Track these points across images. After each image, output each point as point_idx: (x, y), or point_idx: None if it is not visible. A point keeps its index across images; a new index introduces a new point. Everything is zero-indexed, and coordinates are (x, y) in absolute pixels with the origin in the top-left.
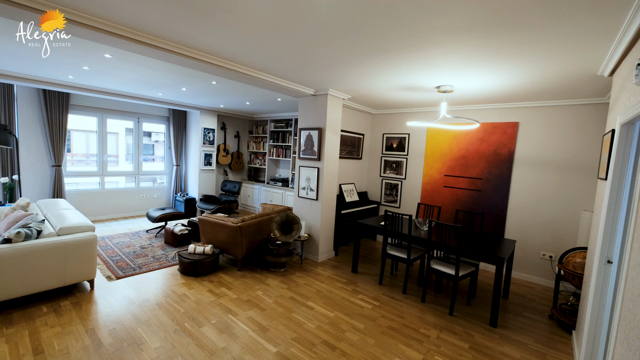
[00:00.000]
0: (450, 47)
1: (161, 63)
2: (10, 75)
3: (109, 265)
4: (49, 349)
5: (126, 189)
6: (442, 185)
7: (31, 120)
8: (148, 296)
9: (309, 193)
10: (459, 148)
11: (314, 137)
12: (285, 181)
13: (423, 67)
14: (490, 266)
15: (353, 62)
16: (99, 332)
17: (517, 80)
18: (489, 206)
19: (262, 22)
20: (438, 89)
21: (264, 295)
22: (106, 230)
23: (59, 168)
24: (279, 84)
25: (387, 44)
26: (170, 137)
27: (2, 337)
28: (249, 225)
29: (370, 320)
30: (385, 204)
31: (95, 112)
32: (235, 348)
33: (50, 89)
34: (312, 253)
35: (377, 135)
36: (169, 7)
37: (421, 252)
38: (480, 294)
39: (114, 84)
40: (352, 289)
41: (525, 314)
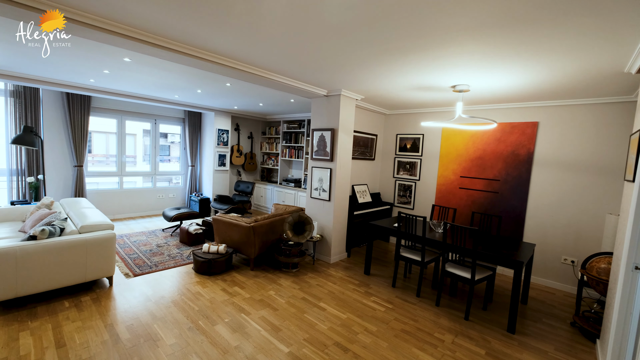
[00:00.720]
0: (467, 45)
1: (177, 66)
2: (36, 79)
3: (127, 263)
4: (70, 342)
5: (143, 188)
6: (458, 187)
7: (55, 123)
8: (164, 294)
9: (321, 194)
10: (475, 149)
11: (327, 138)
12: (297, 182)
13: (438, 67)
14: (508, 270)
15: (366, 62)
16: (117, 327)
17: (538, 78)
18: (507, 208)
19: (275, 24)
20: (453, 89)
21: (277, 295)
22: (124, 229)
23: (81, 168)
24: (292, 85)
25: (400, 43)
26: (185, 138)
27: (27, 329)
28: (262, 225)
29: (383, 323)
30: (398, 205)
31: (115, 114)
32: (247, 347)
33: (73, 92)
34: (325, 254)
35: (390, 135)
36: (186, 12)
37: (435, 255)
38: (498, 299)
39: (132, 87)
40: (364, 291)
41: (545, 321)
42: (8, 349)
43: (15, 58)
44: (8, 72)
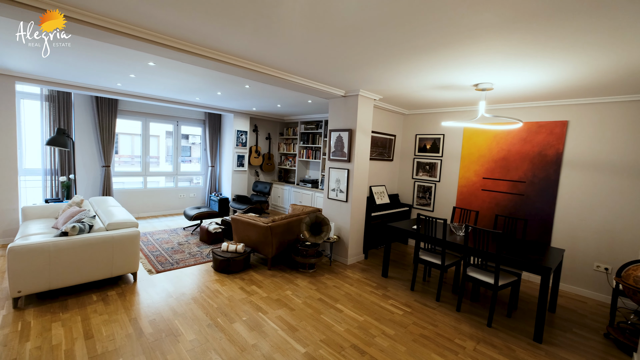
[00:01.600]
0: (490, 42)
1: (198, 69)
2: (69, 84)
3: (150, 260)
4: (97, 334)
5: (166, 188)
6: (480, 189)
7: (85, 125)
8: (184, 290)
9: (338, 195)
10: (499, 149)
11: (344, 139)
12: (314, 182)
13: (460, 65)
14: (535, 276)
15: (385, 62)
16: (141, 321)
17: (568, 75)
18: (533, 211)
19: (294, 25)
20: (476, 87)
21: (293, 295)
22: (147, 227)
23: (108, 168)
24: (310, 86)
25: (420, 42)
26: (206, 140)
27: (59, 321)
28: (279, 225)
29: (401, 326)
30: (417, 207)
31: (140, 116)
32: (264, 346)
33: (102, 95)
34: (341, 255)
35: (409, 136)
36: (207, 16)
37: (456, 259)
38: (523, 306)
39: (156, 90)
40: (382, 294)
41: (575, 331)
42: (41, 338)
43: (51, 64)
44: (44, 78)
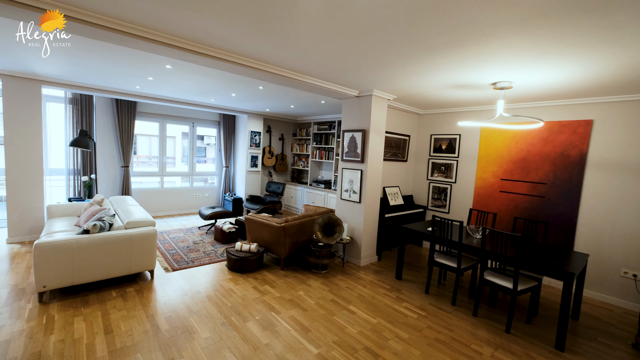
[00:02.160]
0: (510, 40)
1: (214, 71)
2: (91, 87)
3: (167, 258)
4: (116, 329)
5: (181, 188)
6: (498, 190)
7: (106, 127)
8: (199, 289)
9: (351, 195)
10: (518, 149)
11: (358, 139)
12: (327, 183)
13: (477, 63)
14: (556, 282)
15: (400, 61)
16: (157, 318)
17: (593, 72)
18: (555, 214)
19: (308, 26)
20: (494, 86)
21: (306, 295)
22: (164, 226)
23: (127, 168)
24: (323, 86)
25: (436, 40)
26: (220, 140)
27: (81, 315)
28: (292, 225)
29: (416, 330)
30: (432, 208)
31: (157, 118)
32: (277, 345)
33: (122, 98)
34: (354, 256)
35: (424, 136)
36: (222, 19)
37: (473, 262)
38: (544, 312)
39: (173, 92)
40: (395, 296)
41: (600, 340)
42: (64, 332)
43: (75, 69)
44: (68, 82)
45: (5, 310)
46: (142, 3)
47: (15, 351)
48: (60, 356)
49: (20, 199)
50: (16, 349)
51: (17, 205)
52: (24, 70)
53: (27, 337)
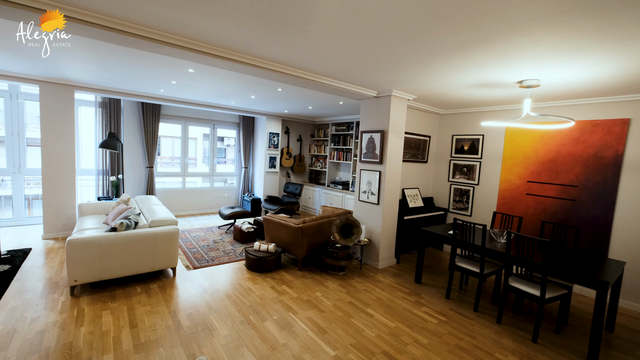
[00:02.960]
0: (538, 36)
1: (233, 74)
2: (119, 91)
3: (188, 256)
4: (141, 324)
5: (202, 188)
6: (524, 193)
7: (132, 129)
8: (219, 287)
9: (369, 197)
10: (547, 150)
11: (376, 140)
12: (345, 184)
13: (502, 61)
14: (589, 290)
15: (421, 60)
16: (179, 314)
17: (629, 67)
18: (587, 219)
19: (327, 27)
20: (520, 84)
21: (323, 297)
22: (186, 225)
23: (151, 169)
24: (342, 87)
25: (458, 39)
26: (239, 142)
27: (108, 309)
28: (310, 226)
29: (436, 336)
30: (454, 211)
31: (180, 120)
32: (294, 346)
33: (147, 101)
34: (372, 259)
35: (445, 136)
36: (242, 23)
37: (497, 267)
38: (575, 322)
39: (195, 95)
40: (415, 300)
41: (638, 354)
42: (93, 324)
43: (105, 74)
44: (99, 87)
45: (41, 302)
46: (168, 11)
47: (49, 341)
48: (90, 347)
49: (54, 197)
50: (50, 338)
51: (52, 203)
52: (59, 77)
53: (59, 328)
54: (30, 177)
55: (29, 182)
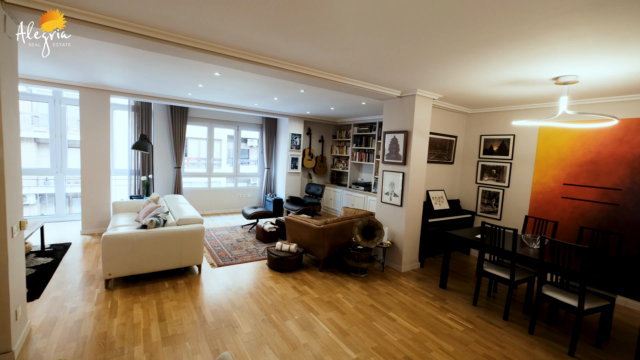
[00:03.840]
0: (577, 29)
1: (257, 76)
2: (150, 95)
3: (212, 254)
4: (168, 318)
5: (227, 188)
6: (560, 196)
7: (161, 131)
8: (242, 285)
9: (392, 199)
10: (586, 151)
11: (400, 141)
12: (367, 185)
13: (536, 56)
14: (634, 302)
15: (447, 58)
16: (204, 310)
17: None
18: (632, 224)
19: (350, 27)
20: (556, 81)
21: (344, 299)
22: (210, 224)
23: (179, 169)
24: (365, 87)
25: (488, 35)
26: (262, 143)
27: (139, 302)
28: (331, 227)
29: (462, 343)
30: (481, 214)
31: (206, 122)
32: (315, 346)
33: (176, 104)
34: (395, 262)
35: (473, 137)
36: (265, 27)
37: (529, 274)
38: (618, 337)
39: (220, 98)
40: (439, 306)
41: None
42: (125, 316)
43: (137, 79)
44: (132, 91)
45: (79, 293)
46: (196, 17)
47: (86, 330)
48: (122, 338)
49: (91, 195)
50: (87, 328)
51: (89, 201)
52: (96, 82)
53: (95, 319)
54: (70, 176)
55: (69, 181)
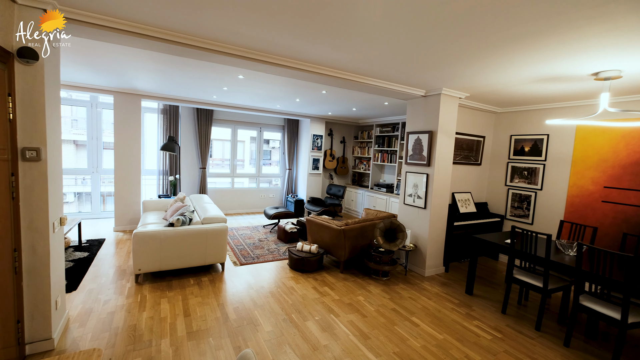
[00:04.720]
0: (620, 20)
1: (280, 78)
2: (178, 99)
3: (235, 253)
4: (193, 313)
5: (249, 188)
6: (600, 200)
7: (188, 133)
8: (263, 284)
9: (415, 201)
10: (630, 151)
11: (424, 141)
12: (389, 187)
13: (574, 51)
14: None
15: (474, 55)
16: (227, 307)
17: None
18: None
19: (374, 27)
20: (596, 77)
21: (365, 301)
22: (233, 223)
23: (204, 170)
24: (388, 87)
25: (520, 29)
26: (284, 144)
27: (166, 297)
28: (353, 229)
29: (490, 353)
30: (511, 218)
31: (230, 124)
32: (335, 348)
33: (201, 107)
34: (418, 265)
35: (502, 137)
36: (289, 29)
37: (564, 283)
38: None
39: (244, 100)
40: (465, 313)
41: None
42: (153, 310)
43: (166, 83)
44: (161, 95)
45: (112, 287)
46: (220, 21)
47: (117, 322)
48: (150, 331)
49: (123, 194)
50: (118, 320)
51: (122, 199)
52: (129, 87)
53: (126, 311)
54: (105, 176)
55: (104, 180)
